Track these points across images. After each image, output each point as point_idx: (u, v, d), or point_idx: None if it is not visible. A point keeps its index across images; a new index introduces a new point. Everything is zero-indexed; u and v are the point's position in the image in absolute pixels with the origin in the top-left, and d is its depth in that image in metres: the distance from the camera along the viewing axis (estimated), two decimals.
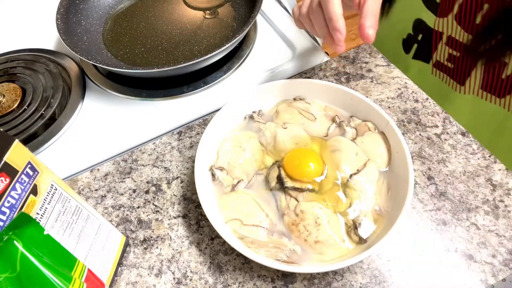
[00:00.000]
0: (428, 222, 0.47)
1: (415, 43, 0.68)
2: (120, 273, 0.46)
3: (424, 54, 0.68)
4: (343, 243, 0.42)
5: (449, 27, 0.61)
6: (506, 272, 0.43)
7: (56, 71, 0.64)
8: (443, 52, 0.64)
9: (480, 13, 0.55)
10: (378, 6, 0.45)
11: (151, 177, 0.53)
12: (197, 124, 0.58)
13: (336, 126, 0.51)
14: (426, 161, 0.51)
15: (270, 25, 0.71)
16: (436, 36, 0.64)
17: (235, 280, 0.44)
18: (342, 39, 0.45)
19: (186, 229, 0.48)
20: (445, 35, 0.62)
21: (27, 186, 0.33)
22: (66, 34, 0.61)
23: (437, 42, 0.64)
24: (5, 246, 0.29)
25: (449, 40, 0.62)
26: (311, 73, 0.62)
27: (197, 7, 0.72)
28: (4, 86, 0.61)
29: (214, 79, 0.63)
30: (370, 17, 0.44)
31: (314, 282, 0.43)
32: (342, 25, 0.44)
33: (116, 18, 0.72)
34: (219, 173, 0.48)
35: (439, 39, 0.64)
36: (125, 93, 0.62)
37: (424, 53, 0.68)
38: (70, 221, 0.38)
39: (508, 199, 0.47)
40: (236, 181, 0.47)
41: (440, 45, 0.64)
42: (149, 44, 0.67)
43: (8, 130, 0.56)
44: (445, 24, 0.61)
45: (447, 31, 0.62)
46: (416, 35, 0.67)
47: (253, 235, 0.43)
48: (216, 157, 0.50)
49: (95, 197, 0.52)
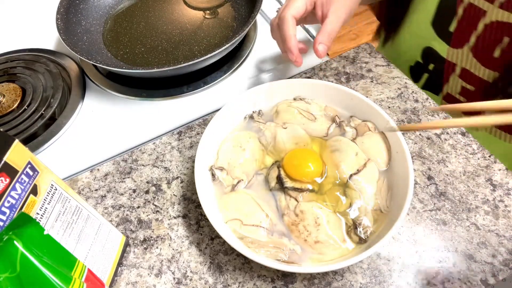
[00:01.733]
0: (428, 222, 0.47)
1: (426, 73, 0.65)
2: (120, 273, 0.46)
3: (435, 85, 0.64)
4: (344, 243, 0.42)
5: (463, 59, 0.57)
6: (506, 272, 0.43)
7: (56, 71, 0.64)
8: (456, 85, 0.60)
9: (499, 46, 0.52)
10: (337, 25, 0.49)
11: (151, 177, 0.53)
12: (197, 124, 0.58)
13: (336, 126, 0.51)
14: (426, 161, 0.51)
15: None
16: (448, 67, 0.60)
17: (235, 280, 0.44)
18: (294, 58, 0.49)
19: (186, 229, 0.48)
20: (458, 67, 0.58)
21: (27, 186, 0.33)
22: (66, 34, 0.61)
23: (449, 74, 0.60)
24: (5, 246, 0.28)
25: (463, 73, 0.58)
26: (311, 73, 0.62)
27: (197, 7, 0.72)
28: (4, 86, 0.61)
29: (214, 79, 0.63)
30: (323, 34, 0.49)
31: (314, 282, 0.43)
32: (293, 45, 0.49)
33: (116, 18, 0.72)
34: (219, 173, 0.48)
35: (452, 71, 0.60)
36: (125, 93, 0.62)
37: (434, 84, 0.64)
38: (70, 221, 0.38)
39: (508, 199, 0.47)
40: (236, 181, 0.47)
41: (452, 77, 0.60)
42: (149, 44, 0.67)
43: (8, 130, 0.56)
44: (459, 55, 0.57)
45: (461, 63, 0.58)
46: (426, 64, 0.63)
47: (253, 235, 0.43)
48: (216, 157, 0.50)
49: (95, 197, 0.52)
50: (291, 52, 0.49)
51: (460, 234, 0.45)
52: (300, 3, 0.49)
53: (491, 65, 0.54)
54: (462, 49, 0.56)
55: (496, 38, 0.52)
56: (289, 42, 0.49)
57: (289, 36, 0.49)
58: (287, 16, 0.49)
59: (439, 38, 0.59)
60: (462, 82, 0.59)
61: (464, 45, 0.56)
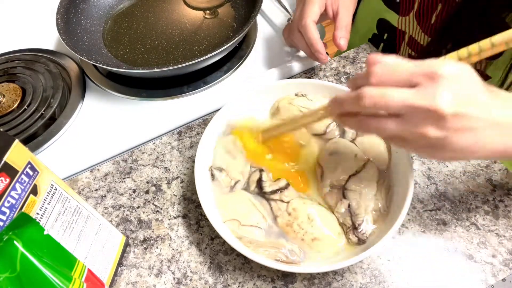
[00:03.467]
0: (428, 222, 0.47)
1: (382, 42, 0.69)
2: (120, 273, 0.46)
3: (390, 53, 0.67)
4: (339, 236, 0.43)
5: (410, 26, 0.61)
6: (506, 272, 0.43)
7: (56, 71, 0.64)
8: (405, 52, 0.64)
9: (435, 13, 0.55)
10: (349, 18, 0.55)
11: (151, 177, 0.53)
12: (197, 124, 0.58)
13: (336, 125, 0.51)
14: (426, 161, 0.51)
15: (270, 25, 0.71)
16: (399, 35, 0.64)
17: (235, 280, 0.44)
18: (323, 57, 0.55)
19: (186, 229, 0.48)
20: (407, 34, 0.62)
21: (27, 186, 0.33)
22: (66, 34, 0.61)
23: (401, 41, 0.64)
24: (5, 246, 0.28)
25: (410, 40, 0.62)
26: (311, 73, 0.62)
27: (197, 7, 0.72)
28: (4, 86, 0.61)
29: (214, 79, 0.63)
30: (341, 29, 0.54)
31: (314, 282, 0.43)
32: (321, 47, 0.54)
33: (116, 18, 0.72)
34: (218, 174, 0.48)
35: (402, 39, 0.64)
36: (125, 93, 0.62)
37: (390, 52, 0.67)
38: (70, 221, 0.38)
39: (508, 199, 0.47)
40: (234, 182, 0.47)
41: (403, 45, 0.64)
42: (149, 44, 0.67)
43: (8, 130, 0.56)
44: (407, 23, 0.61)
45: (409, 31, 0.62)
46: (381, 34, 0.68)
47: (251, 235, 0.43)
48: (214, 158, 0.50)
49: (95, 197, 0.52)
50: (319, 53, 0.54)
51: (460, 234, 0.45)
52: (315, 8, 0.54)
53: (429, 31, 0.58)
54: (408, 17, 0.60)
55: (432, 6, 0.56)
56: (316, 45, 0.54)
57: (314, 40, 0.53)
58: (308, 22, 0.53)
59: (388, 9, 0.63)
60: (409, 49, 0.64)
61: (410, 12, 0.60)
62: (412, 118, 0.32)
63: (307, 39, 0.54)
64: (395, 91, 0.32)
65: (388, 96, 0.32)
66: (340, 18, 0.54)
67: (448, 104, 0.30)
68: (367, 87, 0.33)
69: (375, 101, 0.33)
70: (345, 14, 0.54)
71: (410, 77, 0.32)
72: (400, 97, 0.32)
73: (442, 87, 0.31)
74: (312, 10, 0.54)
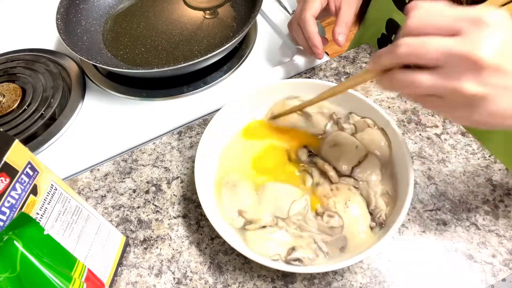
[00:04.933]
0: (428, 222, 0.47)
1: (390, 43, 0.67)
2: (120, 273, 0.46)
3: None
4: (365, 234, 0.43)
5: None
6: (506, 272, 0.43)
7: (56, 71, 0.64)
8: None
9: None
10: (351, 15, 0.55)
11: (151, 177, 0.53)
12: (197, 124, 0.58)
13: (333, 124, 0.51)
14: (426, 161, 0.51)
15: (270, 25, 0.71)
16: None
17: (235, 280, 0.44)
18: (320, 51, 0.56)
19: (186, 229, 0.48)
20: None
21: (27, 186, 0.33)
22: (66, 34, 0.61)
23: None
24: (5, 246, 0.29)
25: None
26: (311, 73, 0.62)
27: (197, 7, 0.72)
28: (4, 86, 0.61)
29: (214, 79, 0.63)
30: (341, 25, 0.54)
31: (314, 282, 0.43)
32: (318, 41, 0.55)
33: (116, 18, 0.72)
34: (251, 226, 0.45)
35: None
36: (125, 93, 0.62)
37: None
38: (70, 221, 0.38)
39: (508, 199, 0.47)
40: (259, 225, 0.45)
41: None
42: (149, 44, 0.67)
43: (8, 130, 0.56)
44: None
45: None
46: (389, 35, 0.68)
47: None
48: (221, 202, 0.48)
49: (95, 197, 0.52)
50: (316, 47, 0.56)
51: (460, 234, 0.45)
52: (317, 3, 0.55)
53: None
54: None
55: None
56: (313, 39, 0.55)
57: (312, 34, 0.55)
58: (307, 16, 0.54)
59: (398, 10, 0.63)
60: None
61: None
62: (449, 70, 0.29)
63: (306, 33, 0.56)
64: (435, 39, 0.29)
65: (427, 44, 0.29)
66: (342, 14, 0.55)
67: (490, 54, 0.27)
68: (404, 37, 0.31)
69: (412, 49, 0.30)
70: (347, 11, 0.55)
71: (453, 22, 0.29)
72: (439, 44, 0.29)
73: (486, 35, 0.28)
74: (312, 5, 0.55)
